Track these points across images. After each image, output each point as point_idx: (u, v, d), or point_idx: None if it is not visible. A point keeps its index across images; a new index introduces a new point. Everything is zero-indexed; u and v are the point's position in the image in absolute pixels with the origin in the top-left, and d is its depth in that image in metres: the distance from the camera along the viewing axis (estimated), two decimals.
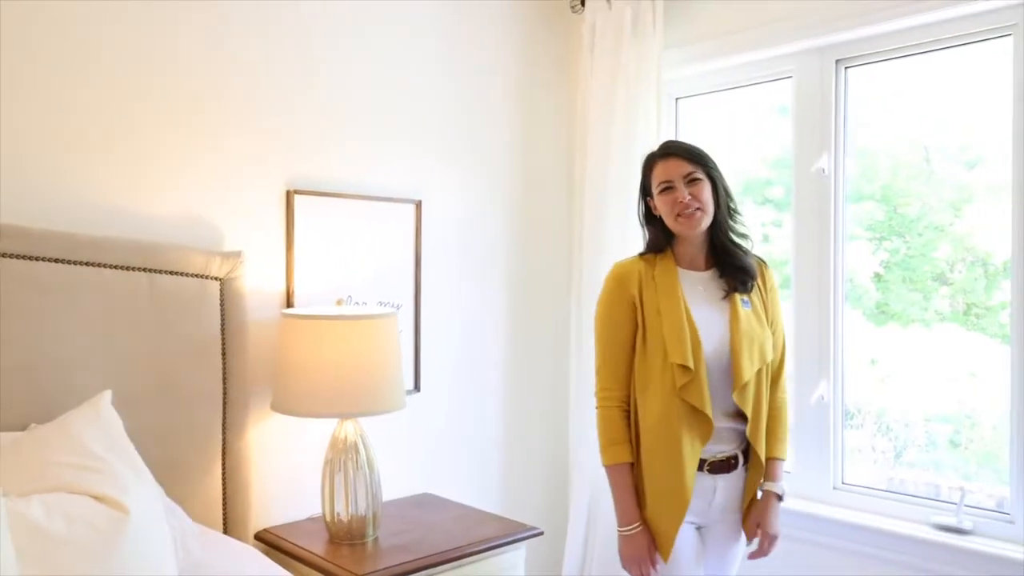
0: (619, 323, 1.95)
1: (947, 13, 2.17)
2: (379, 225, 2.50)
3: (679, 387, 1.84)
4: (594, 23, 2.82)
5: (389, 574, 1.94)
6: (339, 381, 2.03)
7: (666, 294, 1.91)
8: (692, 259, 1.99)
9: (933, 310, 2.60)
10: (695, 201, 1.90)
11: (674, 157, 1.94)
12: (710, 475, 1.91)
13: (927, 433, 2.56)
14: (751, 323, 1.93)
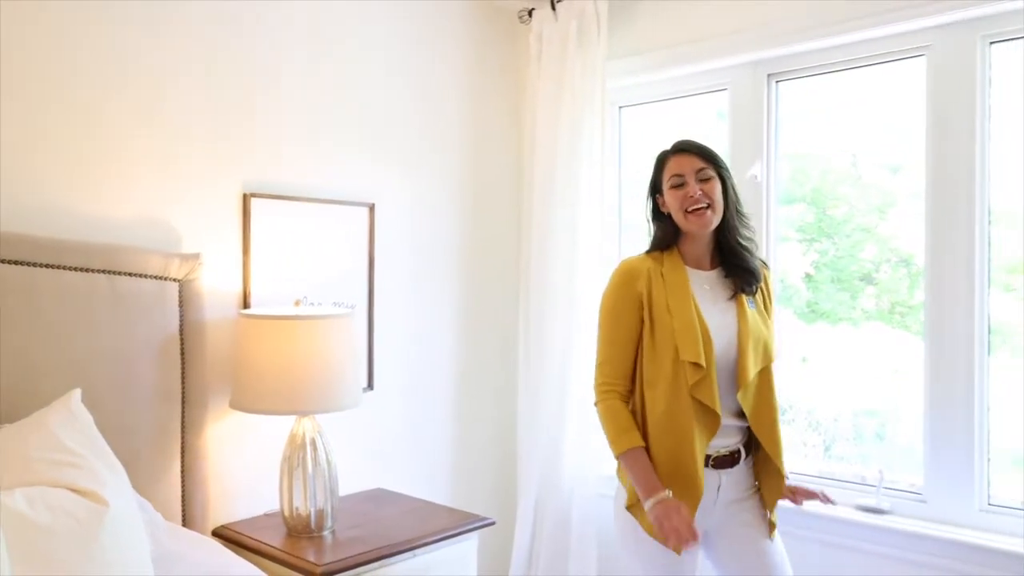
0: (625, 319, 1.97)
1: (868, 34, 2.34)
2: (334, 227, 2.56)
3: (691, 384, 1.87)
4: (541, 33, 2.93)
5: (348, 564, 2.01)
6: (296, 380, 2.09)
7: (676, 292, 1.93)
8: (698, 258, 2.01)
9: (860, 309, 2.73)
10: (705, 197, 1.92)
11: (687, 153, 1.97)
12: (714, 470, 1.95)
13: (855, 427, 2.73)
14: (757, 324, 1.97)
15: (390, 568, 2.11)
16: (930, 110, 2.29)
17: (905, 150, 2.54)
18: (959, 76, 2.23)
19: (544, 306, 2.85)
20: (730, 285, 2.00)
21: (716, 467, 1.95)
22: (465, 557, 2.33)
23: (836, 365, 2.80)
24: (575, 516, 2.78)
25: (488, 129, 3.05)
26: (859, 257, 2.77)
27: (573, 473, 2.80)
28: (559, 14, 2.86)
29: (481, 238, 3.03)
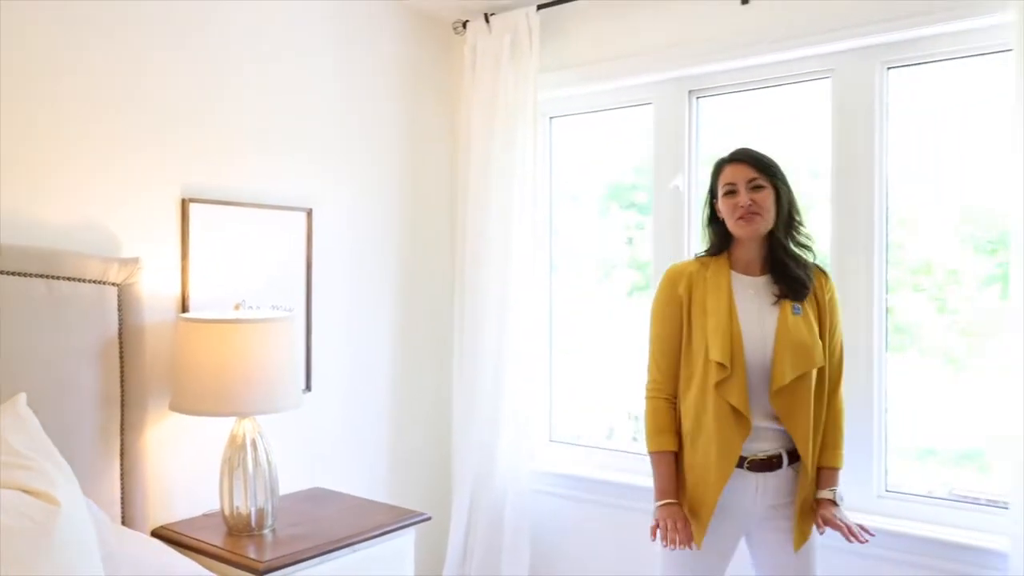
0: (669, 320, 2.06)
1: (779, 56, 2.53)
2: (272, 232, 2.60)
3: (715, 383, 1.92)
4: (475, 44, 3.03)
5: (290, 560, 2.07)
6: (236, 382, 2.13)
7: (714, 294, 1.99)
8: (748, 263, 2.05)
9: None
10: (755, 206, 1.96)
11: (741, 163, 2.01)
12: (751, 473, 1.95)
13: None
14: (799, 330, 1.96)
15: (330, 564, 2.18)
16: (835, 127, 2.49)
17: (818, 160, 2.71)
18: (860, 97, 2.44)
19: (478, 310, 2.95)
20: (777, 291, 2.02)
21: (752, 470, 1.96)
22: (402, 552, 2.41)
23: None
24: (508, 512, 2.89)
25: (424, 137, 3.14)
26: None
27: (506, 470, 2.91)
28: (493, 27, 2.97)
29: (417, 243, 3.11)
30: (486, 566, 2.91)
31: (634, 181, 3.06)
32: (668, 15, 2.71)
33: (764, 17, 2.52)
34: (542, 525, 2.98)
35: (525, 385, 2.92)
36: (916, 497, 2.38)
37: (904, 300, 2.48)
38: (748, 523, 2.02)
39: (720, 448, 1.92)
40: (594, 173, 3.15)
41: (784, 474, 1.99)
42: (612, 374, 3.13)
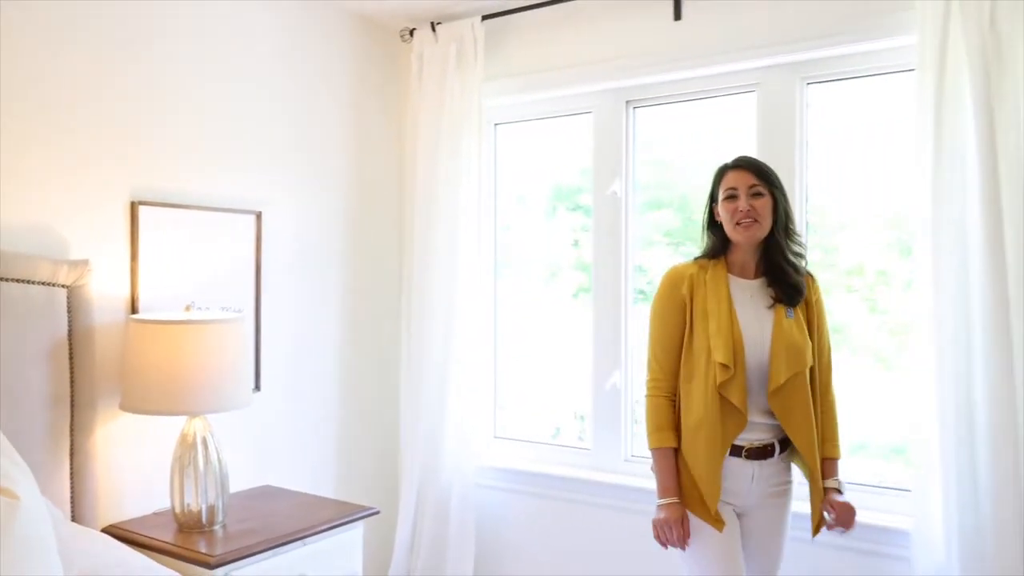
0: (670, 320, 2.13)
1: (708, 71, 2.68)
2: (222, 234, 2.65)
3: (719, 383, 2.01)
4: (422, 53, 3.12)
5: (241, 554, 2.13)
6: (187, 382, 2.18)
7: (715, 297, 2.07)
8: (743, 267, 2.14)
9: None
10: (754, 211, 2.04)
11: (743, 169, 2.09)
12: (748, 461, 2.07)
13: None
14: (792, 332, 2.06)
15: (281, 557, 2.25)
16: (760, 137, 2.65)
17: None
18: (782, 110, 2.61)
19: (425, 310, 3.04)
20: (771, 295, 2.11)
21: (749, 458, 2.08)
22: (351, 545, 2.49)
23: None
24: (454, 505, 2.99)
25: (371, 141, 3.21)
26: None
27: (452, 466, 3.01)
28: (439, 36, 3.06)
29: (365, 245, 3.19)
30: (433, 557, 3.00)
31: (579, 184, 3.17)
32: (606, 29, 2.84)
33: (695, 33, 2.68)
34: (487, 518, 3.09)
35: (470, 383, 3.02)
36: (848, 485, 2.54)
37: (838, 301, 2.64)
38: (745, 506, 2.12)
39: (721, 443, 2.03)
40: (540, 176, 3.26)
41: (776, 462, 2.11)
42: (559, 375, 3.24)
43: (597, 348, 2.96)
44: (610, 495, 2.85)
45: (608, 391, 2.94)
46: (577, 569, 2.91)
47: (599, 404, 2.96)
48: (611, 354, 2.94)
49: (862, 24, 2.38)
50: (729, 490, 2.08)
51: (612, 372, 2.94)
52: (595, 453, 2.96)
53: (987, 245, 2.08)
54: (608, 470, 2.92)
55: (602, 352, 2.96)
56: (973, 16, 2.10)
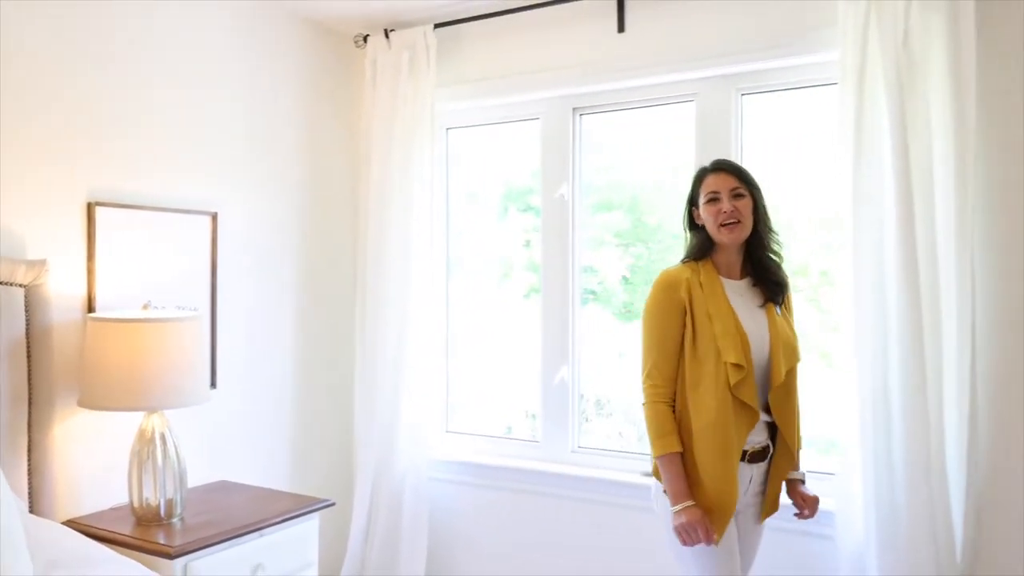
0: (669, 325, 2.11)
1: (649, 80, 2.82)
2: (177, 235, 2.70)
3: (733, 384, 2.01)
4: (375, 59, 3.20)
5: (201, 545, 2.20)
6: (145, 378, 2.24)
7: (714, 300, 2.08)
8: (729, 268, 2.17)
9: None
10: (737, 212, 2.09)
11: (724, 172, 2.14)
12: (748, 464, 2.10)
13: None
14: (785, 329, 2.14)
15: (239, 548, 2.32)
16: (698, 143, 2.81)
17: (688, 173, 2.99)
18: (718, 119, 2.76)
19: (379, 309, 3.13)
20: (759, 293, 2.16)
21: (751, 461, 2.11)
22: (307, 536, 2.57)
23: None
24: (408, 497, 3.08)
25: (326, 145, 3.29)
26: (670, 261, 3.00)
27: (406, 460, 3.10)
28: (392, 43, 3.15)
29: (320, 245, 3.26)
30: (387, 548, 3.09)
31: (530, 185, 3.28)
32: (554, 39, 2.97)
33: (638, 45, 2.82)
34: (440, 509, 3.19)
35: (423, 380, 3.12)
36: None
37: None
38: (740, 507, 2.15)
39: (736, 445, 2.04)
40: (492, 178, 3.37)
41: (766, 464, 2.17)
42: (510, 373, 3.35)
43: (546, 344, 3.09)
44: (558, 485, 2.97)
45: (556, 386, 3.07)
46: (527, 556, 3.03)
47: (548, 398, 3.08)
48: (559, 350, 3.07)
49: (790, 40, 2.55)
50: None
51: (560, 367, 3.06)
52: (544, 445, 3.08)
53: (901, 245, 2.26)
54: (556, 461, 3.04)
55: (551, 348, 3.08)
56: (888, 35, 2.28)
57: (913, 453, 2.24)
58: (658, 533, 2.69)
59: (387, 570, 3.09)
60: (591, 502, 2.93)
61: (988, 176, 2.28)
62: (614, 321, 3.18)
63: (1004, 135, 2.28)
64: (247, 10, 2.95)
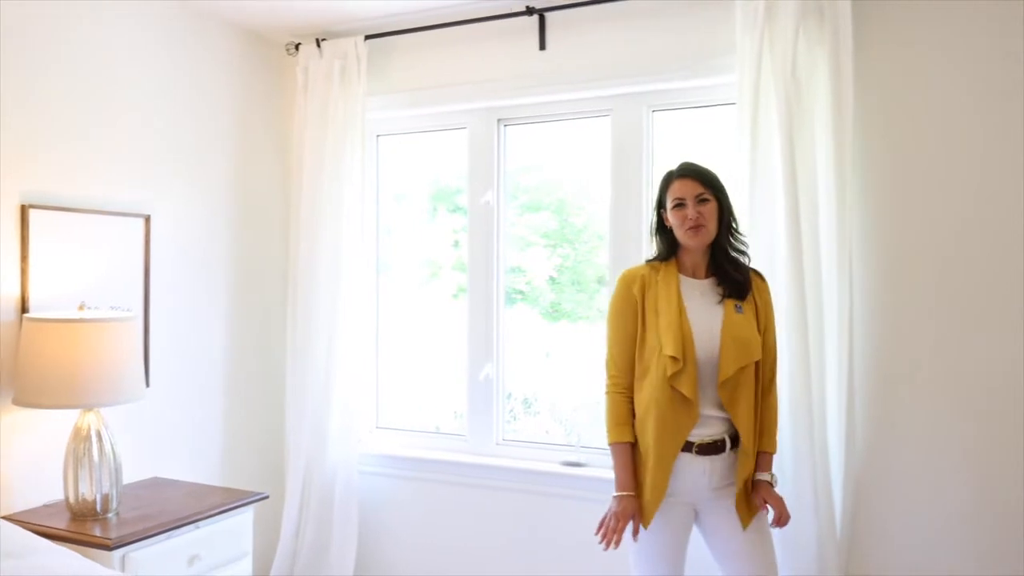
0: (625, 320, 2.22)
1: (569, 96, 3.02)
2: (111, 237, 2.76)
3: (669, 375, 2.09)
4: (307, 67, 3.31)
5: (139, 536, 2.28)
6: (81, 376, 2.31)
7: (665, 296, 2.18)
8: (694, 268, 2.25)
9: (596, 308, 3.20)
10: (702, 218, 2.16)
11: (690, 178, 2.19)
12: (699, 456, 2.14)
13: (592, 419, 3.14)
14: (740, 326, 2.16)
15: (176, 539, 2.40)
16: (613, 155, 3.02)
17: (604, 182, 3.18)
18: (631, 133, 2.98)
19: (311, 309, 3.24)
20: (720, 292, 2.22)
21: (700, 453, 2.14)
22: (242, 528, 2.67)
23: (577, 360, 3.23)
24: (338, 490, 3.20)
25: (258, 150, 3.37)
26: (595, 262, 3.24)
27: (337, 454, 3.22)
28: (324, 52, 3.26)
29: (252, 247, 3.35)
30: (318, 538, 3.21)
31: (458, 185, 3.41)
32: (480, 54, 3.14)
33: (558, 62, 3.02)
34: (370, 501, 3.32)
35: (353, 377, 3.24)
36: None
37: None
38: (698, 504, 2.19)
39: (672, 435, 2.11)
40: (421, 180, 3.50)
41: (727, 458, 2.17)
42: (438, 371, 3.49)
43: (472, 342, 3.25)
44: (483, 476, 3.15)
45: (481, 382, 3.24)
46: (454, 544, 3.19)
47: (473, 394, 3.25)
48: (484, 348, 3.24)
49: (695, 64, 2.79)
50: (679, 490, 2.15)
51: (485, 364, 3.24)
52: (469, 439, 3.25)
53: (790, 252, 2.52)
54: (481, 453, 3.21)
55: (476, 346, 3.25)
56: (779, 63, 2.54)
57: (799, 435, 2.51)
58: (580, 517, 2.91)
59: (319, 558, 3.21)
60: (515, 491, 3.11)
61: (863, 183, 2.56)
62: (541, 321, 3.33)
63: (876, 148, 2.57)
64: (179, 18, 3.01)
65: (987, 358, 2.45)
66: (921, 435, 2.53)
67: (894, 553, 2.56)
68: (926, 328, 2.51)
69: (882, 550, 2.58)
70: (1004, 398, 2.43)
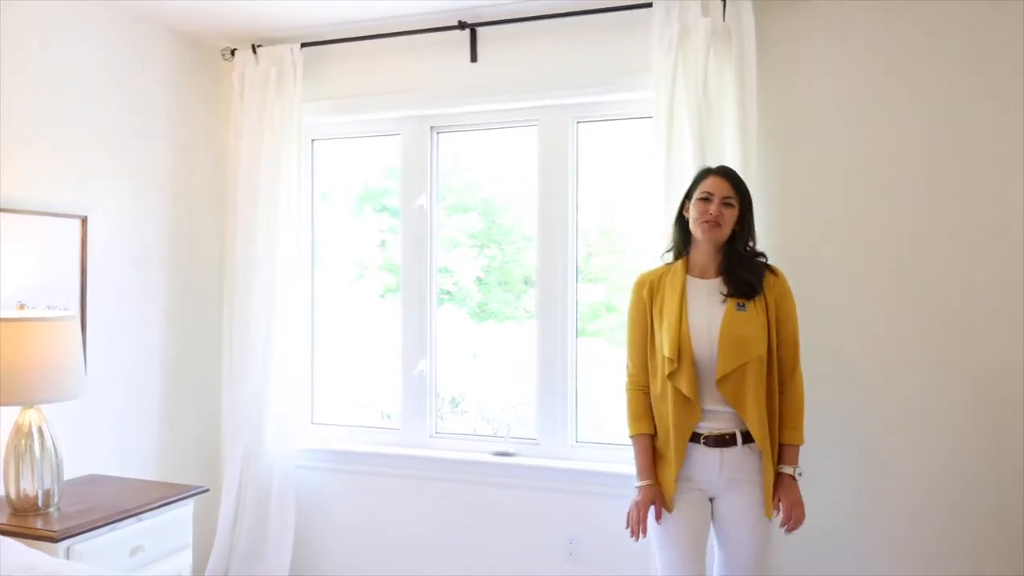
0: (638, 322, 2.38)
1: (499, 106, 3.20)
2: (47, 237, 2.79)
3: (668, 375, 2.23)
4: (243, 72, 3.39)
5: (83, 528, 2.35)
6: (24, 374, 2.36)
7: (671, 298, 2.30)
8: (703, 268, 2.34)
9: (523, 308, 3.36)
10: (720, 217, 2.26)
11: (724, 179, 2.30)
12: (710, 448, 2.23)
13: (519, 417, 3.33)
14: (741, 325, 2.22)
15: (120, 531, 2.47)
16: (540, 164, 3.22)
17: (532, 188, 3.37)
18: (557, 143, 3.18)
19: (248, 309, 3.33)
20: (725, 291, 2.29)
21: (709, 445, 2.24)
22: (183, 520, 2.74)
23: (503, 359, 3.38)
24: (275, 484, 3.30)
25: (196, 152, 3.44)
26: (522, 262, 3.36)
27: (273, 449, 3.31)
28: (260, 58, 3.35)
29: (189, 247, 3.41)
30: (255, 530, 3.30)
31: (385, 186, 3.51)
32: (414, 64, 3.29)
33: (488, 74, 3.19)
34: (306, 493, 3.42)
35: (289, 375, 3.34)
36: (600, 444, 3.16)
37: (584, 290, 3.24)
38: (715, 490, 2.27)
39: (677, 430, 2.24)
40: (351, 180, 3.61)
41: (742, 451, 2.23)
42: (371, 369, 3.61)
43: (406, 339, 3.40)
44: (416, 467, 3.29)
45: (415, 377, 3.39)
46: (388, 532, 3.32)
47: (407, 388, 3.39)
48: (418, 344, 3.38)
49: (616, 79, 3.00)
50: (694, 478, 2.26)
51: (419, 360, 3.38)
52: (403, 432, 3.39)
53: None
54: (415, 446, 3.36)
55: (410, 343, 3.39)
56: (692, 82, 2.77)
57: None
58: (511, 503, 3.09)
59: (256, 551, 3.30)
60: (449, 481, 3.26)
61: (766, 187, 2.82)
62: (468, 321, 3.46)
63: (776, 157, 2.84)
64: (116, 21, 3.06)
65: (887, 345, 2.73)
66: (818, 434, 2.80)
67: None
68: (823, 321, 2.77)
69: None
70: (899, 385, 2.72)
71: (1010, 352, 2.61)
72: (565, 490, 3.09)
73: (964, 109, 2.65)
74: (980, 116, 2.64)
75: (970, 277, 2.66)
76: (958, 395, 2.67)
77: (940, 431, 2.69)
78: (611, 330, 3.25)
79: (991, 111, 2.63)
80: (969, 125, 2.65)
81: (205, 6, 3.07)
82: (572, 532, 3.07)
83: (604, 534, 3.00)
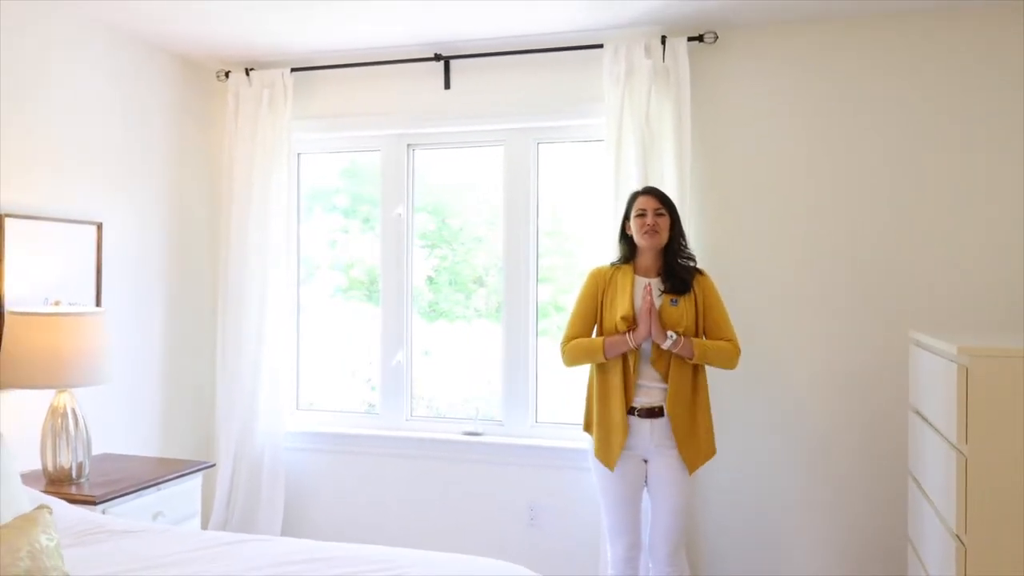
0: (589, 303, 2.86)
1: (468, 127, 3.64)
2: (70, 241, 3.13)
3: (622, 330, 2.70)
4: (237, 93, 3.76)
5: (117, 494, 2.71)
6: (59, 362, 2.71)
7: (621, 291, 2.79)
8: (647, 269, 2.84)
9: (473, 308, 3.65)
10: (657, 225, 2.77)
11: (651, 196, 2.82)
12: (641, 419, 2.74)
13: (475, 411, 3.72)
14: (671, 315, 2.73)
15: (144, 498, 2.84)
16: (505, 179, 3.66)
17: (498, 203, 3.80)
18: (520, 162, 3.64)
19: (242, 306, 3.70)
20: (663, 288, 2.79)
21: (642, 416, 2.74)
22: (193, 491, 3.11)
23: (454, 357, 3.71)
24: (266, 463, 3.68)
25: (194, 165, 3.80)
26: (473, 263, 3.68)
27: (264, 433, 3.70)
28: (253, 81, 3.73)
29: (188, 251, 3.77)
30: (248, 504, 3.68)
31: (337, 185, 3.82)
32: (393, 89, 3.71)
33: (459, 99, 3.63)
34: (294, 472, 3.81)
35: (278, 367, 3.72)
36: (557, 424, 3.63)
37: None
38: (647, 453, 2.79)
39: (620, 403, 2.74)
40: (302, 174, 3.93)
41: (666, 422, 2.74)
42: (351, 362, 3.98)
43: (385, 333, 3.81)
44: (394, 447, 3.71)
45: (393, 367, 3.81)
46: (370, 504, 3.73)
47: (386, 376, 3.81)
48: (396, 338, 3.80)
49: (573, 106, 3.47)
50: (631, 444, 2.76)
51: (397, 351, 3.80)
52: (382, 415, 3.81)
53: None
54: (393, 428, 3.78)
55: (389, 336, 3.81)
56: (637, 113, 3.26)
57: None
58: (480, 478, 3.53)
59: (249, 521, 3.67)
60: (424, 458, 3.69)
61: (701, 206, 3.33)
62: (420, 320, 3.78)
63: (707, 177, 3.34)
64: (125, 49, 3.41)
65: (794, 320, 3.26)
66: (746, 436, 3.31)
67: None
68: (744, 304, 3.24)
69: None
70: (804, 349, 3.25)
71: (888, 313, 3.16)
72: (527, 464, 3.54)
73: (867, 129, 3.19)
74: (881, 137, 3.17)
75: (856, 263, 3.21)
76: (849, 357, 3.22)
77: (834, 386, 3.23)
78: (559, 329, 3.68)
79: (888, 134, 3.17)
80: (875, 146, 3.18)
81: (202, 32, 3.41)
82: (532, 500, 3.53)
83: (561, 502, 3.48)
